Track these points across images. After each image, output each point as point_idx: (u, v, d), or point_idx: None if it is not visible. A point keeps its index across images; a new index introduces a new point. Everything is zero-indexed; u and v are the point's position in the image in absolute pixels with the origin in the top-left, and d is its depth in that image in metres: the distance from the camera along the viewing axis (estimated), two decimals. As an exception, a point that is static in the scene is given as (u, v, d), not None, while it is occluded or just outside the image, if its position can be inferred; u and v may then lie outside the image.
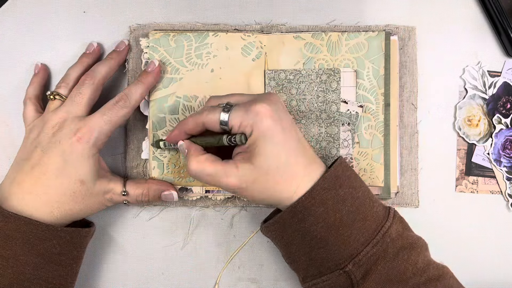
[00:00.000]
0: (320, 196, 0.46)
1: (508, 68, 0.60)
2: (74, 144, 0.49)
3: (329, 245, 0.47)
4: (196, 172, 0.48)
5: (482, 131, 0.60)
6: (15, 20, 0.59)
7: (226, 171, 0.47)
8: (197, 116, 0.49)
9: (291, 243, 0.49)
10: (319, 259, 0.48)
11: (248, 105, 0.47)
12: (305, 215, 0.46)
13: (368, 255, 0.46)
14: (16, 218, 0.47)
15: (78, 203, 0.50)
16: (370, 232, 0.47)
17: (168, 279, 0.59)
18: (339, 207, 0.46)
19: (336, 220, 0.46)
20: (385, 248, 0.46)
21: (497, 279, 0.50)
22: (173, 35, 0.56)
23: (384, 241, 0.47)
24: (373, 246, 0.46)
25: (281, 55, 0.57)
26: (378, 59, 0.56)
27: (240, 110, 0.47)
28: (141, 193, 0.54)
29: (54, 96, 0.53)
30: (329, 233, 0.46)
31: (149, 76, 0.54)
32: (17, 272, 0.47)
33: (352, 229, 0.46)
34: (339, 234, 0.46)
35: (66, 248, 0.50)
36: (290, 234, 0.48)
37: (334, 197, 0.47)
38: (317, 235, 0.47)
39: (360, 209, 0.47)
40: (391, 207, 0.50)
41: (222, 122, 0.47)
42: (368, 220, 0.47)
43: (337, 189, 0.47)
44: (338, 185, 0.47)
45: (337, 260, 0.47)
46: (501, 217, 0.60)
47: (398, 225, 0.49)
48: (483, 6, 0.60)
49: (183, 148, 0.50)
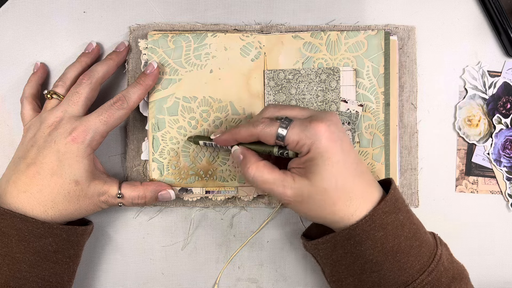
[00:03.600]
0: (380, 220, 0.45)
1: (508, 68, 0.60)
2: (69, 144, 0.49)
3: (384, 270, 0.46)
4: (254, 178, 0.47)
5: (482, 131, 0.59)
6: (15, 19, 0.59)
7: (283, 181, 0.46)
8: (252, 128, 0.48)
9: (340, 264, 0.48)
10: (370, 283, 0.47)
11: (308, 122, 0.46)
12: (362, 238, 0.45)
13: (423, 283, 0.45)
14: (12, 215, 0.47)
15: (72, 204, 0.50)
16: (425, 259, 0.46)
17: (168, 279, 0.59)
18: (398, 232, 0.46)
19: (395, 245, 0.46)
20: (439, 277, 0.46)
21: (497, 279, 0.50)
22: (172, 36, 0.56)
23: (439, 269, 0.46)
24: (428, 274, 0.45)
25: (280, 55, 0.57)
26: (378, 57, 0.56)
27: (298, 127, 0.46)
28: (137, 195, 0.53)
29: (51, 95, 0.53)
30: (386, 259, 0.46)
31: (147, 78, 0.54)
32: (13, 270, 0.47)
33: (409, 255, 0.46)
34: (396, 260, 0.45)
35: (62, 246, 0.50)
36: (341, 254, 0.47)
37: (394, 221, 0.46)
38: (372, 259, 0.46)
39: (417, 235, 0.47)
40: (434, 233, 0.50)
41: (278, 137, 0.46)
42: (423, 246, 0.47)
43: (396, 213, 0.46)
44: (398, 209, 0.46)
45: (390, 285, 0.46)
46: (501, 217, 0.60)
47: (446, 252, 0.48)
48: (483, 6, 0.60)
49: (238, 154, 0.50)
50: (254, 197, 0.58)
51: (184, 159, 0.56)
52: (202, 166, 0.56)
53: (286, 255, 0.59)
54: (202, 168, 0.56)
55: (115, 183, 0.53)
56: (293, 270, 0.59)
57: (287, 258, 0.59)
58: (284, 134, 0.46)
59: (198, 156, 0.56)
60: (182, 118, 0.56)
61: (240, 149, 0.50)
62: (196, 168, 0.56)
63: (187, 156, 0.56)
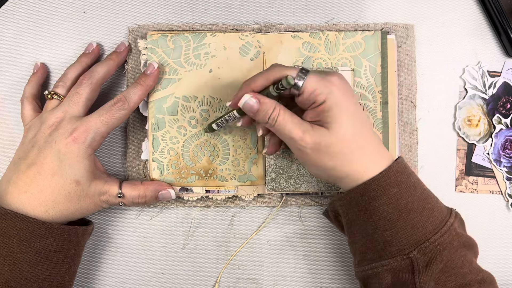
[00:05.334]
0: (395, 177, 0.47)
1: (508, 68, 0.60)
2: (69, 144, 0.49)
3: (397, 228, 0.46)
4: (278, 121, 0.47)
5: (482, 131, 0.59)
6: (15, 19, 0.59)
7: (303, 125, 0.47)
8: (268, 72, 0.48)
9: (354, 223, 0.49)
10: (381, 242, 0.47)
11: (323, 73, 0.47)
12: (378, 194, 0.46)
13: (435, 243, 0.46)
14: (13, 215, 0.47)
15: (73, 203, 0.50)
16: (437, 222, 0.47)
17: (168, 279, 0.59)
18: (411, 191, 0.47)
19: (408, 203, 0.46)
20: (451, 240, 0.46)
21: (497, 279, 0.50)
22: (171, 36, 0.56)
23: (450, 233, 0.47)
24: (441, 235, 0.46)
25: (279, 54, 0.57)
26: (375, 57, 0.56)
27: (316, 76, 0.47)
28: (137, 195, 0.53)
29: (51, 96, 0.53)
30: (400, 216, 0.46)
31: (148, 79, 0.54)
32: (14, 270, 0.47)
33: (421, 215, 0.47)
34: (409, 218, 0.46)
35: (63, 246, 0.50)
36: (355, 212, 0.48)
37: (407, 181, 0.47)
38: (386, 216, 0.46)
39: (428, 199, 0.48)
40: (453, 208, 0.50)
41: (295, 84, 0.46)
42: (435, 211, 0.48)
43: (408, 176, 0.48)
44: (409, 173, 0.48)
45: (402, 245, 0.46)
46: (501, 217, 0.59)
47: (459, 224, 0.49)
48: (483, 6, 0.60)
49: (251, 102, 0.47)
50: (254, 196, 0.58)
51: (184, 158, 0.56)
52: (202, 165, 0.56)
53: (286, 255, 0.59)
54: (202, 167, 0.56)
55: (115, 182, 0.53)
56: (293, 270, 0.59)
57: (287, 258, 0.59)
58: (301, 82, 0.46)
59: (198, 156, 0.56)
60: (182, 118, 0.56)
61: (253, 95, 0.47)
62: (196, 167, 0.56)
63: (187, 156, 0.56)
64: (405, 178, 0.47)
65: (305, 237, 0.59)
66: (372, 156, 0.48)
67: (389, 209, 0.46)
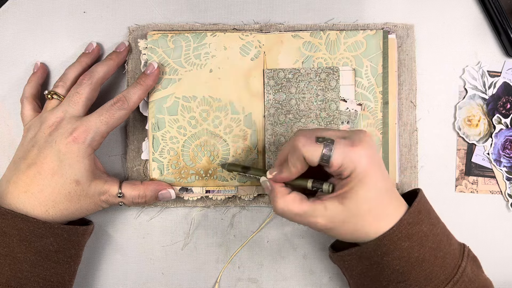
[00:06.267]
0: (406, 230, 0.46)
1: (508, 68, 0.60)
2: (69, 144, 0.49)
3: (410, 280, 0.46)
4: (283, 212, 0.47)
5: (482, 131, 0.59)
6: (15, 19, 0.59)
7: (314, 211, 0.46)
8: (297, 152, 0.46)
9: (365, 275, 0.49)
10: None
11: (349, 145, 0.45)
12: (390, 249, 0.46)
13: None
14: (13, 215, 0.47)
15: (73, 203, 0.50)
16: (450, 270, 0.47)
17: (168, 279, 0.59)
18: (423, 242, 0.46)
19: (420, 255, 0.46)
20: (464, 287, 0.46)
21: (497, 279, 0.50)
22: (171, 36, 0.56)
23: (463, 280, 0.46)
24: (453, 284, 0.46)
25: (280, 54, 0.57)
26: (376, 57, 0.56)
27: (342, 149, 0.45)
28: (137, 195, 0.53)
29: (51, 96, 0.53)
30: (412, 268, 0.46)
31: (148, 79, 0.54)
32: (14, 270, 0.47)
33: (434, 265, 0.46)
34: (422, 270, 0.46)
35: (63, 245, 0.50)
36: (367, 266, 0.48)
37: (418, 232, 0.46)
38: (399, 269, 0.46)
39: (440, 246, 0.47)
40: (465, 245, 0.50)
41: (324, 158, 0.45)
42: (447, 257, 0.47)
43: (420, 224, 0.47)
44: (421, 220, 0.47)
45: None
46: (501, 217, 0.59)
47: (473, 265, 0.49)
48: (483, 6, 0.60)
49: (267, 185, 0.49)
50: (254, 196, 0.58)
51: (184, 158, 0.56)
52: (202, 165, 0.56)
53: (286, 255, 0.59)
54: (202, 167, 0.56)
55: (115, 182, 0.53)
56: (293, 270, 0.59)
57: (287, 258, 0.59)
58: (330, 154, 0.45)
59: (198, 156, 0.56)
60: (182, 118, 0.56)
61: (270, 181, 0.49)
62: (196, 167, 0.56)
63: (187, 156, 0.56)
64: (416, 229, 0.46)
65: (305, 237, 0.59)
66: (386, 212, 0.46)
67: (402, 262, 0.46)
